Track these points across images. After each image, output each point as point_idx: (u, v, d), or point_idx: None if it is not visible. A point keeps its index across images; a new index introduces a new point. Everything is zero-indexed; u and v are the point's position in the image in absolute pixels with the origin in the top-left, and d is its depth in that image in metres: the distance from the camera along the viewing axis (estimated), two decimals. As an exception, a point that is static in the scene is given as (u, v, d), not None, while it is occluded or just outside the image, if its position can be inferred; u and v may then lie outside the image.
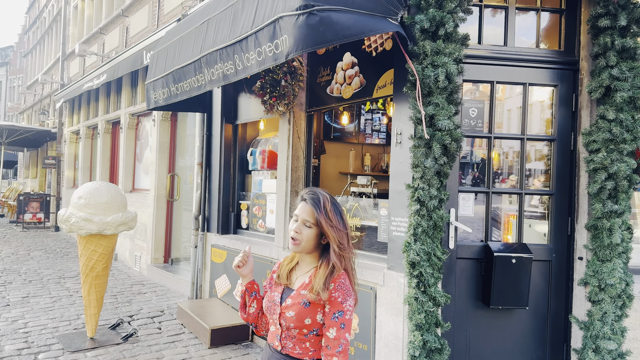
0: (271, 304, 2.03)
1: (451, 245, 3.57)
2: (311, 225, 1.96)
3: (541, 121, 3.86)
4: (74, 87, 11.12)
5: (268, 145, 5.78)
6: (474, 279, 3.66)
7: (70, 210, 4.77)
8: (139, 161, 9.99)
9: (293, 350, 1.97)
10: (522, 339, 3.71)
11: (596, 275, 3.44)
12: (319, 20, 2.76)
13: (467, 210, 3.69)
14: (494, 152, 3.75)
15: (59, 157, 14.96)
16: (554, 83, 3.71)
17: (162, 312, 6.04)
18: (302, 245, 1.98)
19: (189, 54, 4.25)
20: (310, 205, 1.97)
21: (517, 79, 3.70)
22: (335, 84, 4.59)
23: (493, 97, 3.69)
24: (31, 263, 8.99)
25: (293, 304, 1.96)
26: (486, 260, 3.62)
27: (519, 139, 3.74)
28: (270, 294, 2.07)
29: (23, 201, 14.35)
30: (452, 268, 3.60)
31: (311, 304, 1.93)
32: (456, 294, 3.61)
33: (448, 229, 3.56)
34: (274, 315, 2.00)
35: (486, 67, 3.67)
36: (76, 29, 15.02)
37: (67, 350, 4.65)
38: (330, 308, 1.91)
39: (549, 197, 3.76)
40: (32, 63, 24.55)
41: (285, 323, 1.96)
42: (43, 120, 17.85)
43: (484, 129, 3.71)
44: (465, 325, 3.64)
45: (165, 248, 8.55)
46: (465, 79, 3.61)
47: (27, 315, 5.72)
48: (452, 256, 3.56)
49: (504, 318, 3.68)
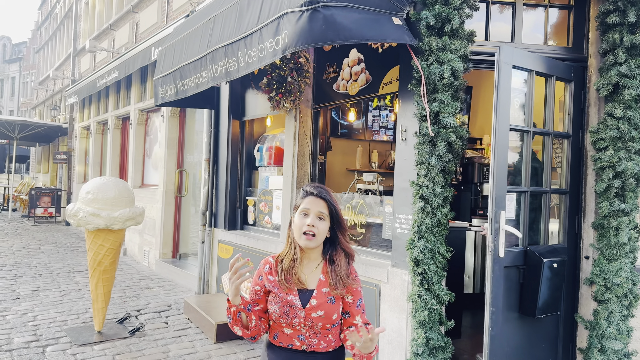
0: (289, 309, 1.97)
1: (500, 254, 3.20)
2: (325, 217, 1.97)
3: (555, 118, 3.79)
4: (86, 83, 11.21)
5: (275, 142, 5.79)
6: (513, 288, 3.35)
7: (78, 205, 4.81)
8: (148, 157, 10.06)
9: (318, 346, 2.00)
10: (542, 344, 3.57)
11: (602, 274, 3.41)
12: (322, 17, 2.76)
13: (509, 212, 3.34)
14: (524, 149, 3.49)
15: (70, 152, 15.10)
16: (570, 78, 3.63)
17: (169, 307, 6.09)
18: (317, 239, 1.96)
19: (195, 50, 4.27)
20: (320, 198, 1.98)
21: (548, 70, 3.51)
22: (341, 80, 4.59)
23: (531, 89, 3.46)
24: (42, 257, 9.10)
25: (320, 304, 1.97)
26: (526, 266, 3.36)
27: (547, 134, 3.59)
28: (285, 298, 1.97)
29: (35, 196, 14.50)
30: (501, 279, 3.24)
31: (336, 299, 2.00)
32: (502, 306, 3.28)
33: (497, 236, 3.19)
34: (295, 319, 1.97)
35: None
36: (87, 25, 15.12)
37: (74, 344, 4.71)
38: (353, 298, 2.03)
39: (561, 196, 3.71)
40: (44, 59, 24.77)
41: (313, 323, 1.97)
42: (54, 115, 18.01)
43: (526, 123, 3.50)
44: (506, 339, 3.34)
45: (174, 243, 8.61)
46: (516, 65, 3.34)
47: (37, 309, 5.79)
48: (499, 266, 3.24)
49: (530, 325, 3.48)
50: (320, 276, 2.01)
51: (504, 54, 3.24)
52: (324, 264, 2.03)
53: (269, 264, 2.07)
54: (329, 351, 2.02)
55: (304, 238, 1.96)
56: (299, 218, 1.98)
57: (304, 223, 1.96)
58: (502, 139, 3.25)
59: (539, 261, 3.30)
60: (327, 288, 1.99)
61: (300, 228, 1.96)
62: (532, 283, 3.32)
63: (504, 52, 3.24)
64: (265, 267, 2.07)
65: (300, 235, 1.97)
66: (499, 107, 3.23)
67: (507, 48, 3.29)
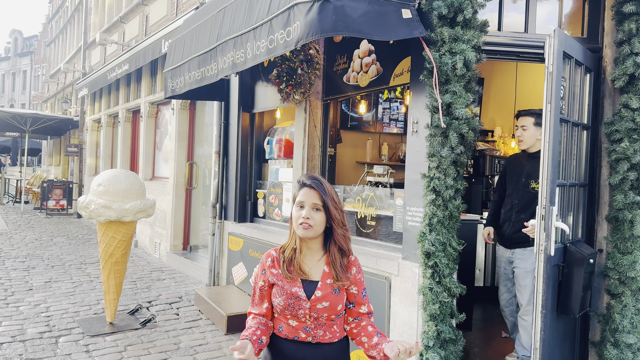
0: (294, 300, 1.99)
1: (551, 252, 3.02)
2: (320, 209, 1.98)
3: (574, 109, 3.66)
4: (97, 76, 11.25)
5: (285, 134, 5.78)
6: (551, 287, 3.16)
7: (90, 197, 4.84)
8: (159, 149, 10.09)
9: (324, 337, 2.01)
10: (567, 342, 3.50)
11: (616, 267, 3.37)
12: (333, 9, 2.74)
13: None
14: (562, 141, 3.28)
15: (81, 145, 15.19)
16: (592, 68, 3.54)
17: (180, 299, 6.13)
18: (314, 230, 1.98)
19: (205, 42, 4.26)
20: (315, 189, 1.99)
21: (582, 59, 3.38)
22: (351, 72, 4.55)
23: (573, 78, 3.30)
24: (54, 249, 9.19)
25: (325, 295, 1.99)
26: (566, 264, 3.22)
27: (579, 125, 3.47)
28: (290, 290, 2.00)
29: (47, 188, 14.63)
30: (551, 279, 3.09)
31: (340, 290, 2.03)
32: (549, 307, 3.12)
33: (549, 233, 3.01)
34: (300, 311, 1.98)
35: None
36: (97, 17, 15.16)
37: (87, 335, 4.75)
38: (358, 288, 2.08)
39: (579, 189, 3.62)
40: (55, 52, 24.90)
41: (318, 314, 1.99)
42: (65, 108, 18.13)
43: (565, 114, 3.32)
44: (548, 340, 3.20)
45: (184, 235, 8.65)
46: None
47: (49, 300, 5.85)
48: (550, 265, 3.08)
49: (564, 323, 3.39)
50: (324, 267, 2.04)
51: (558, 38, 3.01)
52: (327, 255, 2.05)
53: (271, 256, 2.09)
54: (334, 342, 2.05)
55: (300, 228, 1.98)
56: (296, 210, 2.01)
57: (300, 215, 1.99)
58: (554, 130, 3.05)
59: (581, 258, 3.15)
60: (331, 279, 2.02)
61: (297, 220, 1.99)
62: (573, 281, 3.16)
63: (558, 37, 3.01)
64: (267, 260, 2.09)
65: (297, 226, 1.99)
66: (553, 97, 3.01)
67: (561, 33, 3.07)
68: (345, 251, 2.06)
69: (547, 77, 3.03)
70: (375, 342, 2.01)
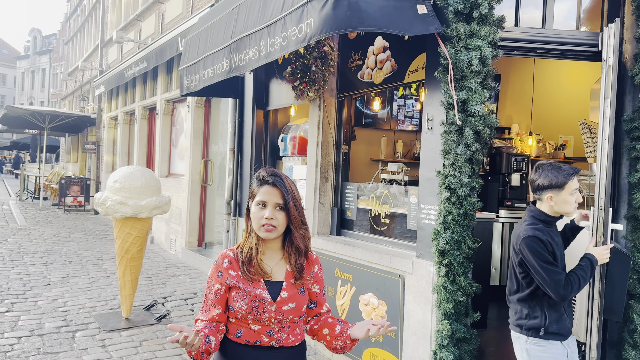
0: (258, 303, 1.84)
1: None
2: (282, 208, 1.85)
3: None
4: (114, 74, 11.36)
5: (299, 132, 5.78)
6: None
7: (106, 193, 4.89)
8: (175, 147, 10.17)
9: (287, 340, 1.91)
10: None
11: (635, 267, 3.30)
12: (347, 4, 2.72)
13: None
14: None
15: (98, 142, 15.38)
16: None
17: (194, 295, 6.17)
18: (278, 230, 1.85)
19: (220, 40, 4.27)
20: (277, 187, 1.85)
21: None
22: (366, 68, 4.53)
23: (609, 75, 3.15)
24: (71, 245, 9.32)
25: (291, 296, 1.89)
26: (610, 264, 2.98)
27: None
28: (253, 292, 1.85)
29: (65, 185, 14.84)
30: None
31: (305, 290, 1.96)
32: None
33: (606, 235, 2.90)
34: (265, 314, 1.85)
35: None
36: (114, 16, 15.32)
37: (103, 330, 4.81)
38: (319, 287, 2.02)
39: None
40: (73, 50, 25.23)
41: (283, 316, 1.88)
42: (83, 106, 18.37)
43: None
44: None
45: (199, 232, 8.71)
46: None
47: (67, 295, 5.93)
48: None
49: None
50: (287, 267, 1.93)
51: (619, 30, 2.92)
52: (286, 255, 1.94)
53: (228, 257, 1.92)
54: (296, 345, 1.94)
55: (263, 230, 1.84)
56: (257, 209, 1.85)
57: (262, 215, 1.83)
58: (612, 128, 2.99)
59: (626, 259, 2.98)
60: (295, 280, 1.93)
61: (259, 220, 1.84)
62: (619, 282, 2.97)
63: (619, 28, 2.92)
64: (224, 261, 1.92)
65: (259, 228, 1.85)
66: (611, 92, 2.96)
67: (618, 25, 2.98)
68: (302, 250, 1.93)
69: (606, 71, 2.97)
70: (339, 331, 1.94)
